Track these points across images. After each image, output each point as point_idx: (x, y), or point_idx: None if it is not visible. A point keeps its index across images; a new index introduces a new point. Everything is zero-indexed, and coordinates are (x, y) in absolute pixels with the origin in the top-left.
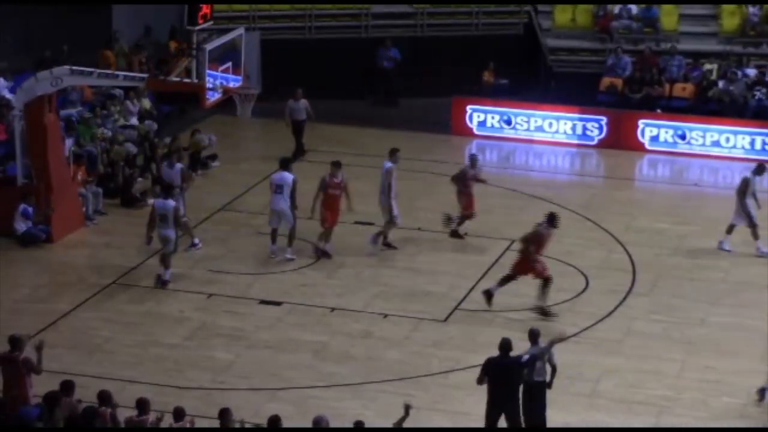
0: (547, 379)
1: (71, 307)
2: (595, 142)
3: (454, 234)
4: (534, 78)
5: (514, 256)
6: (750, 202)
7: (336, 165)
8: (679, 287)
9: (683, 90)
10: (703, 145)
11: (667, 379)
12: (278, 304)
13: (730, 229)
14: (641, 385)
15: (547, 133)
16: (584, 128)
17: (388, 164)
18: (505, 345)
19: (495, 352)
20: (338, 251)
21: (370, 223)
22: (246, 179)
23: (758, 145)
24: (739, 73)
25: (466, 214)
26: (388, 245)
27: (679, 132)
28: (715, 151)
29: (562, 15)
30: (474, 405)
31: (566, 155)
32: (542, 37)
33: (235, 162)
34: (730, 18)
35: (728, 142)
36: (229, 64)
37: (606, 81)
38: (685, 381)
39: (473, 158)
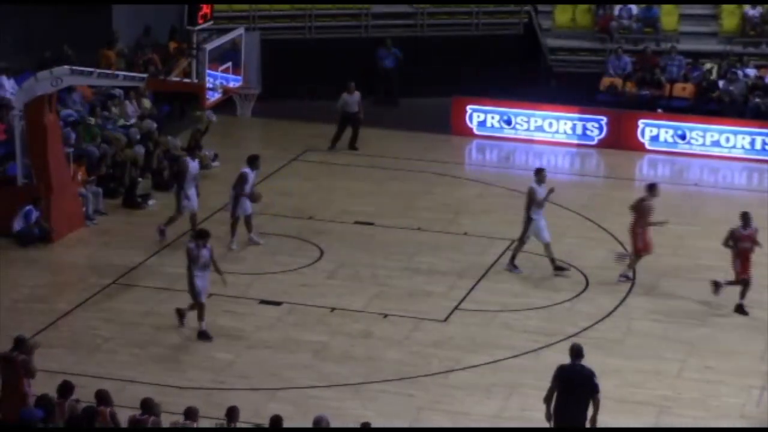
0: None
1: (71, 307)
2: (595, 142)
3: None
4: (534, 78)
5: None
6: None
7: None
8: (679, 287)
9: (683, 90)
10: (704, 144)
11: (667, 379)
12: (278, 304)
13: None
14: (641, 385)
15: (547, 133)
16: (584, 128)
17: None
18: (577, 351)
19: (495, 352)
20: (339, 252)
21: (370, 223)
22: None
23: (758, 145)
24: (740, 73)
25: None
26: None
27: (680, 132)
28: (716, 151)
29: (562, 15)
30: (474, 405)
31: (566, 155)
32: (542, 37)
33: (235, 162)
34: (730, 18)
35: (728, 142)
36: (229, 64)
37: (606, 81)
38: (685, 381)
39: (745, 216)
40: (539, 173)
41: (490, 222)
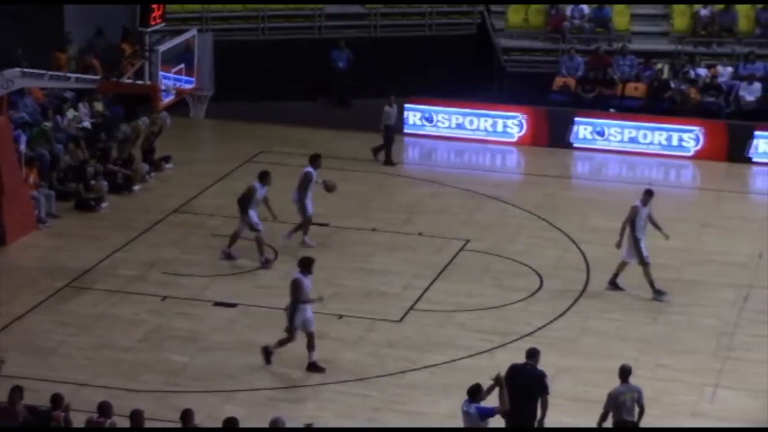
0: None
1: (24, 310)
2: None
3: None
4: (487, 78)
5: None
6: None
7: None
8: (632, 286)
9: (635, 90)
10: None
11: None
12: (233, 305)
13: None
14: (596, 383)
15: (500, 134)
16: (535, 129)
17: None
18: (531, 352)
19: (450, 352)
20: (293, 253)
21: (324, 224)
22: (200, 180)
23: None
24: (691, 73)
25: None
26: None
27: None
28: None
29: (515, 15)
30: (429, 405)
31: (519, 155)
32: (495, 37)
33: (189, 163)
34: (681, 18)
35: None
36: (182, 65)
37: (559, 81)
38: (639, 379)
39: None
40: (648, 194)
41: (445, 222)
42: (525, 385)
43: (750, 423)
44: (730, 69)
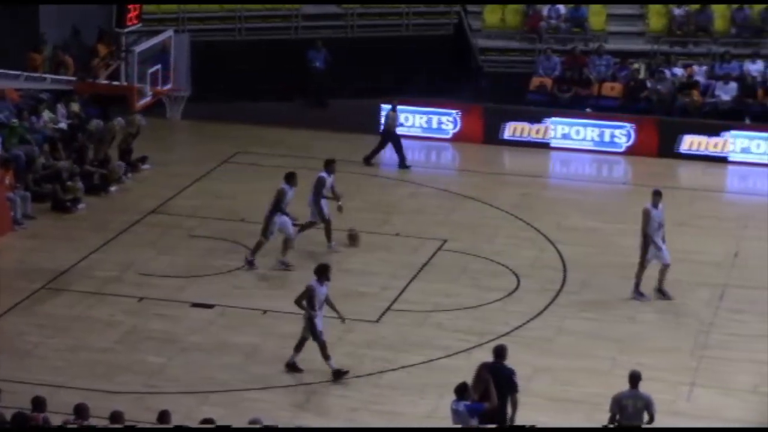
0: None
1: (0, 312)
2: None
3: None
4: (465, 78)
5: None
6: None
7: None
8: (609, 285)
9: (612, 89)
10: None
11: (598, 377)
12: (210, 306)
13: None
14: (573, 383)
15: (476, 134)
16: (513, 129)
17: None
18: (499, 351)
19: (427, 352)
20: (270, 254)
21: (300, 225)
22: (177, 181)
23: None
24: (667, 72)
25: None
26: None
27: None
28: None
29: (492, 15)
30: (407, 405)
31: (496, 155)
32: (472, 37)
33: (165, 164)
34: (657, 18)
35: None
36: (159, 66)
37: (536, 81)
38: (616, 378)
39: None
40: (656, 195)
41: (422, 222)
42: (498, 383)
43: (725, 421)
44: (705, 68)
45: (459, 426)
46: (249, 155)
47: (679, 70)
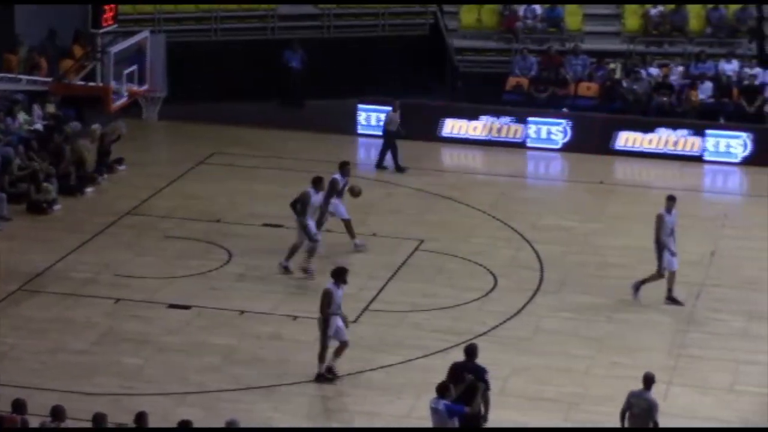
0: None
1: None
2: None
3: None
4: (441, 78)
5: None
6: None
7: None
8: (586, 284)
9: (588, 89)
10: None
11: (575, 376)
12: (187, 307)
13: None
14: (550, 382)
15: (453, 134)
16: (490, 129)
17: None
18: (470, 350)
19: (405, 352)
20: (247, 254)
21: (278, 225)
22: (153, 182)
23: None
24: (643, 72)
25: None
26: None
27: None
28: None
29: (468, 15)
30: (385, 405)
31: (467, 154)
32: (448, 37)
33: (142, 165)
34: (633, 17)
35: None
36: (135, 67)
37: (512, 81)
38: (594, 377)
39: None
40: (670, 200)
41: (399, 222)
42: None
43: (702, 420)
44: (681, 68)
45: (438, 425)
46: (225, 156)
47: (654, 70)
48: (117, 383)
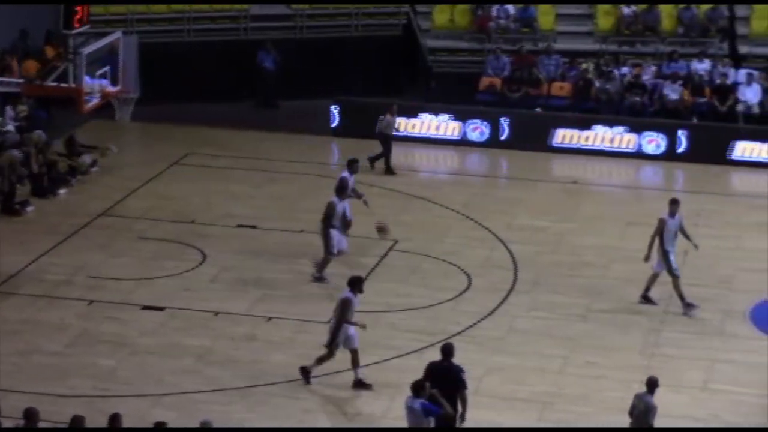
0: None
1: None
2: (476, 141)
3: None
4: (414, 78)
5: None
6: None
7: None
8: (560, 284)
9: (561, 89)
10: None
11: (549, 375)
12: (161, 309)
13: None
14: (524, 381)
15: (428, 134)
16: (464, 129)
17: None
18: (446, 350)
19: (380, 352)
20: (221, 255)
21: (252, 226)
22: (127, 183)
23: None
24: (616, 72)
25: None
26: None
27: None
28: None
29: (441, 15)
30: (360, 406)
31: (446, 155)
32: (421, 37)
33: (114, 167)
34: (605, 17)
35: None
36: (107, 68)
37: (485, 81)
38: (568, 377)
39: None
40: (674, 204)
41: (372, 223)
42: (443, 382)
43: (676, 418)
44: (653, 68)
45: (414, 425)
46: (199, 157)
47: (627, 70)
48: (91, 385)
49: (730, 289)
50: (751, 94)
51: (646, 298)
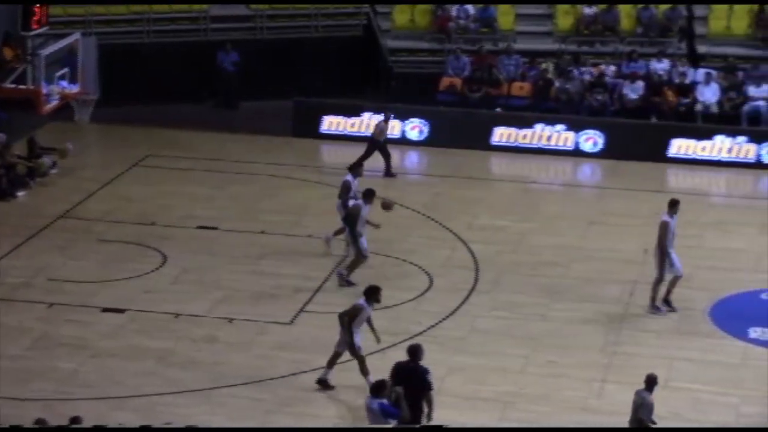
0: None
1: None
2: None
3: None
4: (375, 79)
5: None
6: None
7: None
8: (521, 284)
9: (521, 89)
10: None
11: (511, 375)
12: (121, 311)
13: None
14: (486, 381)
15: (391, 134)
16: (430, 128)
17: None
18: (412, 351)
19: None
20: (182, 257)
21: (213, 228)
22: (86, 185)
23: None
24: (575, 72)
25: None
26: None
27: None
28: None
29: (401, 16)
30: (322, 406)
31: (408, 155)
32: (381, 38)
33: (74, 169)
34: (565, 17)
35: None
36: (67, 69)
37: (446, 81)
38: (529, 376)
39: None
40: (675, 205)
41: (334, 223)
42: (409, 383)
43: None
44: (613, 67)
45: (373, 424)
46: (159, 158)
47: (587, 69)
48: (52, 388)
49: (690, 287)
50: (709, 94)
51: (667, 302)
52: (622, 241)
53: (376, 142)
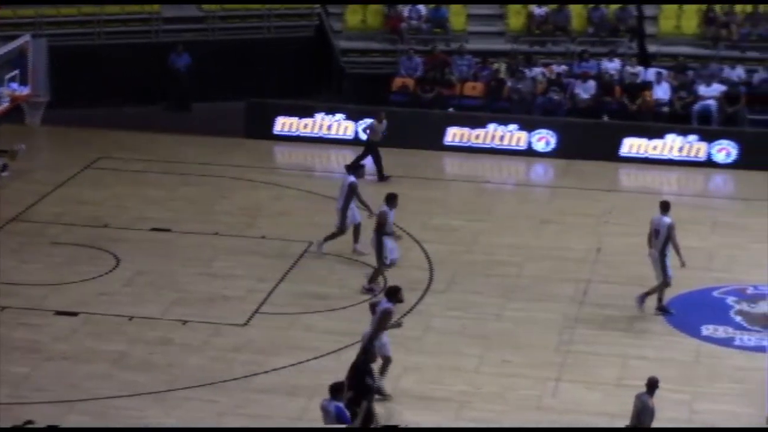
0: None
1: None
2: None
3: None
4: (327, 79)
5: None
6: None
7: None
8: (475, 283)
9: (473, 89)
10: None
11: (465, 374)
12: (74, 314)
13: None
14: (441, 381)
15: (344, 134)
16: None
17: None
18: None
19: (297, 354)
20: (135, 259)
21: (166, 230)
22: (38, 188)
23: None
24: (527, 72)
25: None
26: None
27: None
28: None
29: (353, 16)
30: (277, 407)
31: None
32: (334, 38)
33: (25, 171)
34: (516, 17)
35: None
36: (17, 71)
37: (398, 81)
38: (483, 375)
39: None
40: (666, 207)
41: (288, 224)
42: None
43: (590, 415)
44: (564, 67)
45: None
46: (112, 160)
47: (539, 69)
48: (5, 392)
49: (642, 285)
50: (660, 93)
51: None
52: (575, 240)
53: (374, 143)
